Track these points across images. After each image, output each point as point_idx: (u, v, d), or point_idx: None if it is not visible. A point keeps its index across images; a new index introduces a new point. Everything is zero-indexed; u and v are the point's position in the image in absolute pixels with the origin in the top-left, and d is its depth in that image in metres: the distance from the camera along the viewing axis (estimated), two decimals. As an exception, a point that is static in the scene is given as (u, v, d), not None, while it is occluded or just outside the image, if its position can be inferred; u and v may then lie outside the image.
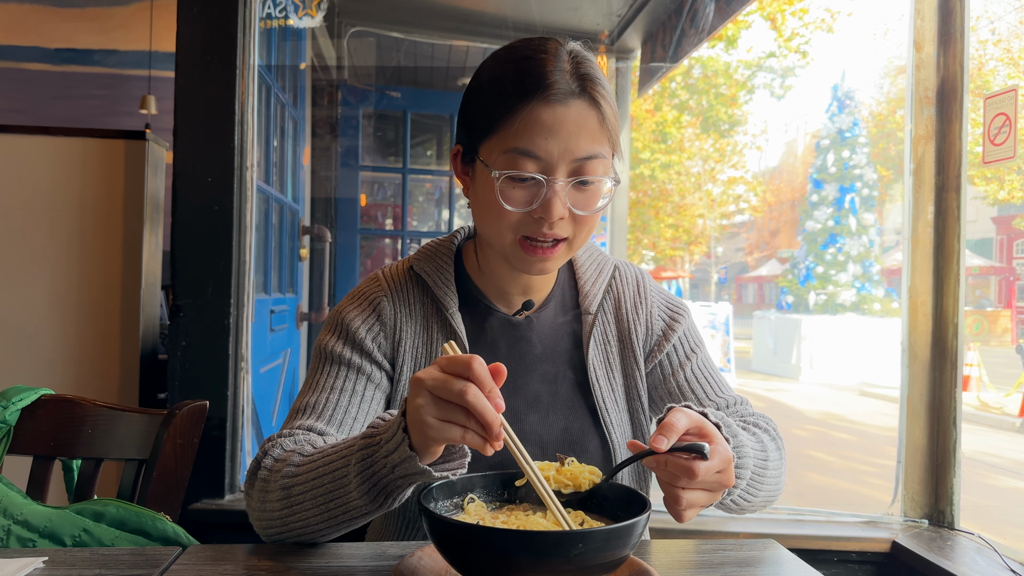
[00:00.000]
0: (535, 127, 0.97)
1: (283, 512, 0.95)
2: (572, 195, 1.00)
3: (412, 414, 0.80)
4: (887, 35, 21.54)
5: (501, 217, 1.01)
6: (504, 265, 1.12)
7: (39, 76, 6.59)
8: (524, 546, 0.74)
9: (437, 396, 0.78)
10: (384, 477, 0.86)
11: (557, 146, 0.97)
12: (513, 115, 0.98)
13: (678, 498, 0.85)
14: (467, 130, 1.07)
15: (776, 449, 1.10)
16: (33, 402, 1.25)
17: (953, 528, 1.95)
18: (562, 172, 0.99)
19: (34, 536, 1.06)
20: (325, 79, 4.43)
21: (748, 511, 1.11)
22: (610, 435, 1.12)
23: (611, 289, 1.21)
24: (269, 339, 3.23)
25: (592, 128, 0.99)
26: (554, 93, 0.97)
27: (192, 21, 2.08)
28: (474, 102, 1.05)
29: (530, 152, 0.98)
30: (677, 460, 0.83)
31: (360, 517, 0.92)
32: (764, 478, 1.05)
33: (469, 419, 0.77)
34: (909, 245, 2.04)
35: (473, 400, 0.76)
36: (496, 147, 1.00)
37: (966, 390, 9.89)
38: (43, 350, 2.38)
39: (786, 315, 15.73)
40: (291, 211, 3.75)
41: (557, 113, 0.97)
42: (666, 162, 18.76)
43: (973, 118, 2.13)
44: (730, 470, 0.87)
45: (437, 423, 0.78)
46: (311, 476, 0.93)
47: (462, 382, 0.76)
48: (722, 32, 11.67)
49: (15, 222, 2.38)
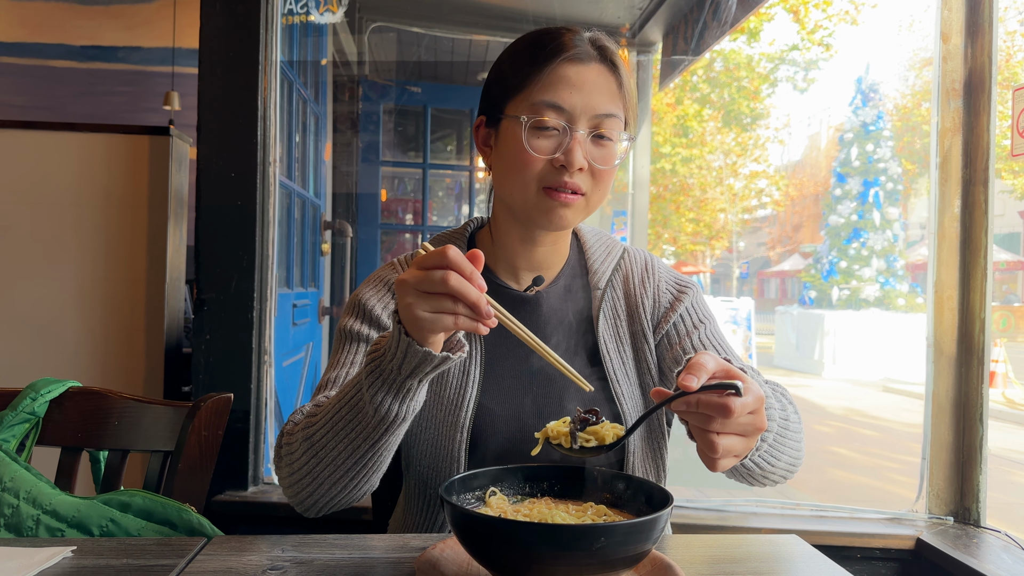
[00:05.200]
0: (561, 81, 1.07)
1: (309, 462, 0.97)
2: (591, 149, 1.09)
3: (405, 314, 0.84)
4: (912, 27, 21.26)
5: (526, 166, 1.08)
6: (514, 238, 1.18)
7: (65, 73, 6.67)
8: (546, 539, 0.74)
9: (422, 291, 0.81)
10: (394, 380, 0.88)
11: (580, 100, 1.07)
12: (540, 72, 1.07)
13: (713, 444, 0.81)
14: (493, 98, 1.14)
15: (795, 412, 1.11)
16: (61, 394, 1.27)
17: (979, 526, 1.93)
18: (583, 125, 1.07)
19: (62, 526, 1.08)
20: (346, 75, 4.45)
21: (770, 478, 1.09)
22: (622, 407, 1.13)
23: (619, 267, 1.25)
24: (291, 333, 3.25)
25: (611, 89, 1.09)
26: (577, 54, 1.08)
27: (215, 18, 2.10)
28: (502, 71, 1.14)
29: (556, 103, 1.06)
30: (710, 398, 0.79)
31: (381, 441, 0.93)
32: (786, 439, 1.05)
33: (457, 304, 0.81)
34: (935, 239, 2.01)
35: (455, 284, 0.80)
36: (523, 102, 1.08)
37: (992, 386, 9.75)
38: (69, 344, 2.41)
39: (809, 310, 15.59)
40: (313, 206, 3.77)
41: (580, 71, 1.08)
42: (687, 156, 18.64)
43: (1001, 111, 2.09)
44: (762, 411, 0.83)
45: (429, 316, 0.82)
46: (328, 415, 0.96)
47: (441, 271, 0.80)
48: (744, 25, 11.57)
49: (42, 217, 2.41)
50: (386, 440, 0.94)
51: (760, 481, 1.09)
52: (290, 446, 1.01)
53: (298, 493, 1.01)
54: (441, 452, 1.10)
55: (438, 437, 1.11)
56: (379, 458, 0.96)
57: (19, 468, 1.13)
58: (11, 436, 1.20)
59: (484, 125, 1.18)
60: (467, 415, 1.10)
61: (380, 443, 0.94)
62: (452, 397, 1.12)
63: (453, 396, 1.12)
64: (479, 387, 1.12)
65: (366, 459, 0.95)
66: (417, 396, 0.91)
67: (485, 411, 1.11)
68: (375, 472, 0.98)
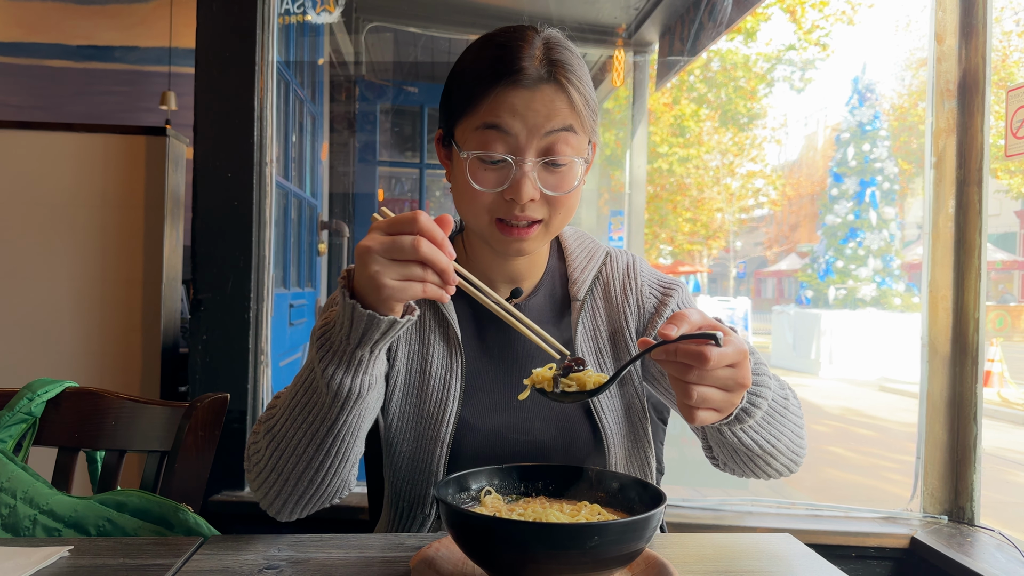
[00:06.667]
0: (503, 106, 0.99)
1: (273, 456, 0.96)
2: (543, 176, 1.02)
3: (368, 282, 0.81)
4: (909, 27, 21.26)
5: (474, 199, 1.02)
6: (487, 250, 1.13)
7: (61, 73, 6.67)
8: (540, 538, 0.74)
9: (391, 258, 0.79)
10: (344, 351, 0.87)
11: (525, 125, 0.99)
12: (484, 95, 1.00)
13: (688, 391, 0.79)
14: (446, 113, 1.09)
15: (795, 401, 1.06)
16: (58, 394, 1.28)
17: (973, 524, 1.94)
18: (531, 152, 1.00)
19: (59, 526, 1.08)
20: (343, 75, 4.45)
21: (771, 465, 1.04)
22: (602, 423, 1.10)
23: (600, 275, 1.20)
24: (288, 333, 3.25)
25: (560, 109, 1.00)
26: (522, 78, 0.99)
27: (212, 17, 2.10)
28: (452, 86, 1.07)
29: (497, 126, 0.99)
30: (688, 346, 0.78)
31: (339, 421, 0.91)
32: (785, 419, 1.01)
33: (427, 271, 0.80)
34: (930, 239, 2.02)
35: (428, 251, 0.78)
36: (468, 127, 1.02)
37: (987, 386, 9.77)
38: (65, 344, 2.41)
39: (805, 310, 15.61)
40: (309, 206, 3.77)
41: (524, 96, 0.99)
42: (684, 156, 18.64)
43: (996, 111, 2.10)
44: (745, 366, 0.81)
45: (397, 284, 0.80)
46: (285, 402, 0.95)
47: (411, 237, 0.79)
48: (741, 25, 11.59)
49: (38, 217, 2.41)
50: (344, 420, 0.91)
51: (762, 468, 1.05)
52: (256, 444, 1.00)
53: (267, 493, 0.99)
54: (420, 465, 1.09)
55: (417, 450, 1.09)
56: (341, 443, 0.93)
57: (16, 468, 1.13)
58: (8, 436, 1.20)
59: (441, 141, 1.12)
60: (447, 430, 1.07)
61: (338, 423, 0.91)
62: (432, 411, 1.09)
63: (433, 410, 1.09)
64: (459, 401, 1.09)
65: (327, 444, 0.93)
66: (371, 369, 0.89)
67: (466, 426, 1.09)
68: (340, 462, 0.95)
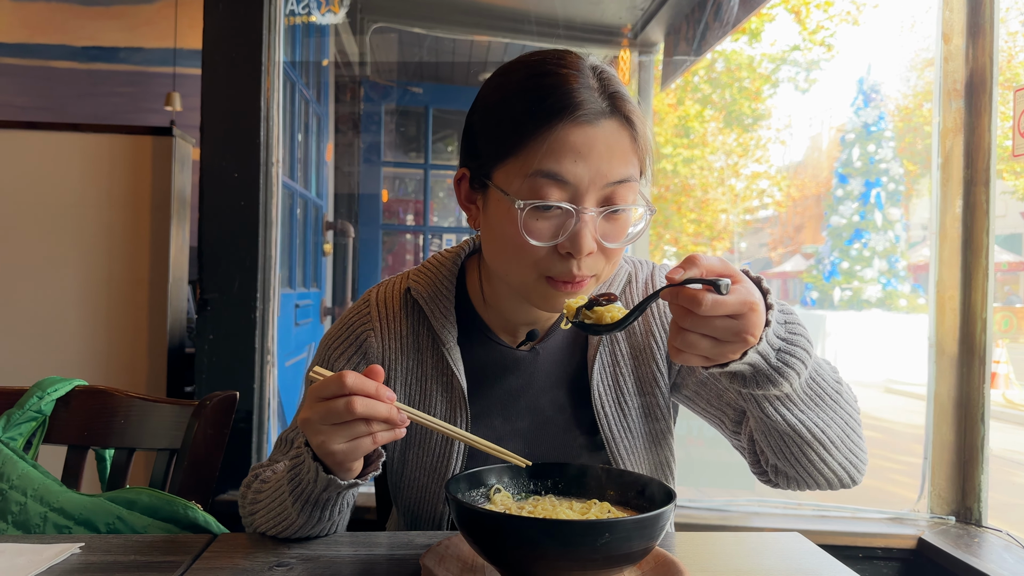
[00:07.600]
0: (563, 149, 0.87)
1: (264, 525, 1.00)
2: (602, 226, 0.91)
3: (320, 450, 0.84)
4: (914, 27, 21.20)
5: (523, 253, 0.90)
6: (514, 299, 1.03)
7: (66, 74, 6.68)
8: (551, 535, 0.74)
9: (331, 423, 0.80)
10: (313, 495, 0.91)
11: (588, 170, 0.87)
12: (538, 137, 0.88)
13: (674, 334, 0.76)
14: (477, 153, 0.96)
15: (850, 391, 0.95)
16: (67, 393, 1.28)
17: (980, 525, 1.93)
18: (591, 200, 0.89)
19: (70, 523, 1.09)
20: (348, 75, 4.46)
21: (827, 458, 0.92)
22: (616, 455, 1.05)
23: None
24: (294, 333, 3.26)
25: (624, 150, 0.90)
26: (584, 113, 0.88)
27: (217, 18, 2.10)
28: (487, 122, 0.95)
29: (558, 175, 0.87)
30: (687, 290, 0.73)
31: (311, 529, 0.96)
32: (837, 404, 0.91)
33: (370, 424, 0.80)
34: (937, 240, 2.01)
35: (363, 409, 0.78)
36: (516, 172, 0.90)
37: (994, 387, 9.72)
38: (72, 344, 2.42)
39: (811, 311, 15.58)
40: (315, 207, 3.78)
41: (588, 134, 0.88)
42: (688, 157, 18.62)
43: (1002, 111, 2.10)
44: (750, 319, 0.74)
45: (345, 446, 0.81)
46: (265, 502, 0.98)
47: (344, 399, 0.78)
48: (746, 25, 11.56)
49: (45, 218, 2.42)
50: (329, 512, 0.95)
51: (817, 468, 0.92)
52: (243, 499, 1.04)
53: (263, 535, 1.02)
54: (427, 507, 1.09)
55: (422, 501, 1.09)
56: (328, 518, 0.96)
57: (26, 466, 1.14)
58: (18, 434, 1.20)
59: (468, 182, 0.99)
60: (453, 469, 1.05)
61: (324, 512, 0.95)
62: (435, 464, 1.07)
63: (436, 464, 1.07)
64: (464, 458, 1.06)
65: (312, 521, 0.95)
66: (340, 503, 0.94)
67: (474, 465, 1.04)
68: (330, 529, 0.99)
